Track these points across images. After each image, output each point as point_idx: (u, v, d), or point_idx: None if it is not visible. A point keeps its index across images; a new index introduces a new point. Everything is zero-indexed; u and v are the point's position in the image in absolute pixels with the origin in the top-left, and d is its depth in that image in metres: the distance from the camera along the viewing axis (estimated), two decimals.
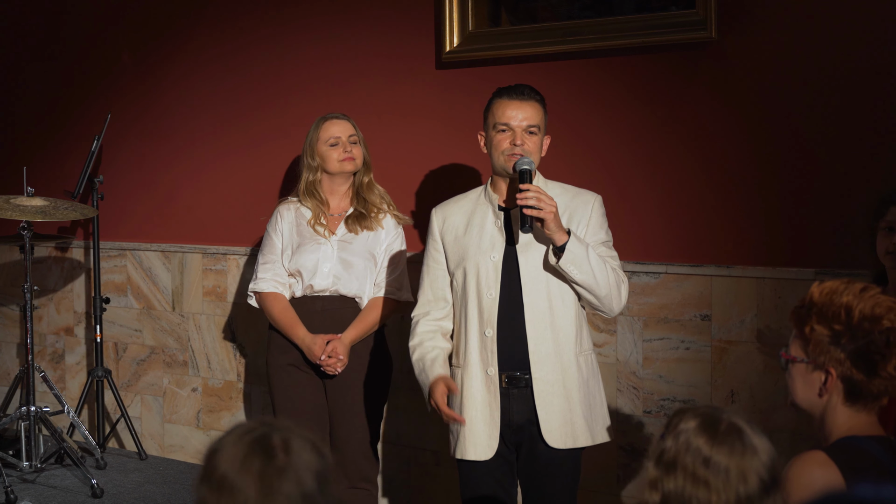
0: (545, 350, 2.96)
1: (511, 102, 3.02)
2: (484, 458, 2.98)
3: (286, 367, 3.70)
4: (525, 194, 2.84)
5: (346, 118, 3.77)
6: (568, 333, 2.98)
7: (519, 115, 3.00)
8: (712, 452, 1.65)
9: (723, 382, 3.58)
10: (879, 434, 1.98)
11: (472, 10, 4.01)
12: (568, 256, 2.86)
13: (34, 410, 4.50)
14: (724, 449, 1.65)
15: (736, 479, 1.63)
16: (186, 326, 4.92)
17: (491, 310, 2.98)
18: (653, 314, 3.71)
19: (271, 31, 4.62)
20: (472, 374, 3.00)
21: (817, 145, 3.43)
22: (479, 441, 2.99)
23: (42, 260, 5.42)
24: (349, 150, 3.69)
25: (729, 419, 1.68)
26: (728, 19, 3.51)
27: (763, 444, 1.66)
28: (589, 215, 3.02)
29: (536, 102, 3.04)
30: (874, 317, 1.93)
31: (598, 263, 2.90)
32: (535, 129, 3.00)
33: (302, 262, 3.68)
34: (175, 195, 4.99)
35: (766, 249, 3.53)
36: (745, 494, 1.63)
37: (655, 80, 3.69)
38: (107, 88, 5.18)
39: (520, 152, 2.97)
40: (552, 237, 2.88)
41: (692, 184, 3.65)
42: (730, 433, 1.66)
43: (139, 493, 4.51)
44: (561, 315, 2.97)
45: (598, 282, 2.90)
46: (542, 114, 3.04)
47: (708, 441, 1.66)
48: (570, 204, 3.03)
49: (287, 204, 3.80)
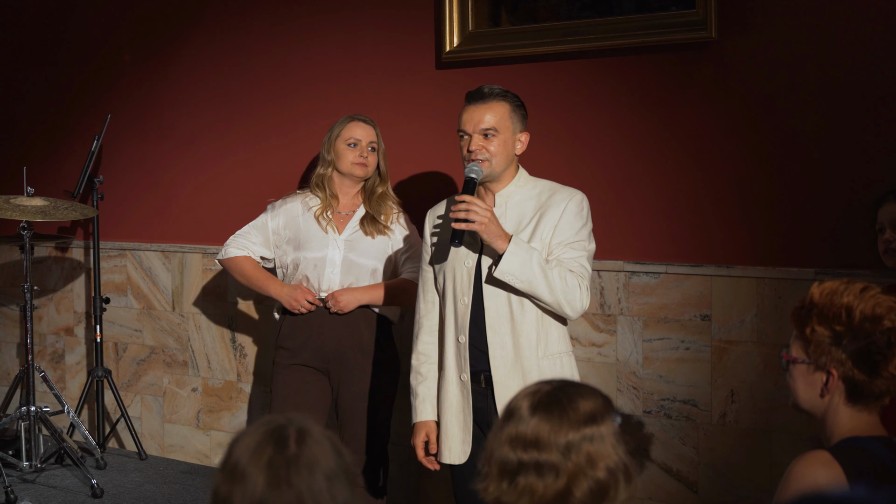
0: (504, 355, 2.97)
1: (467, 108, 3.02)
2: (458, 462, 3.05)
3: (291, 367, 3.71)
4: (457, 206, 2.87)
5: (371, 124, 3.74)
6: (529, 338, 2.97)
7: (473, 120, 2.99)
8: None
9: (723, 382, 3.58)
10: (882, 434, 1.98)
11: (472, 10, 4.01)
12: (503, 267, 2.87)
13: (34, 410, 4.50)
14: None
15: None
16: (186, 326, 4.92)
17: (464, 316, 3.01)
18: (653, 314, 3.71)
19: (271, 31, 4.62)
20: (448, 379, 3.05)
21: (817, 145, 3.43)
22: (453, 445, 3.05)
23: (42, 260, 5.42)
24: (365, 155, 3.68)
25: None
26: (728, 19, 3.51)
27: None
28: (559, 215, 2.98)
29: (497, 102, 3.00)
30: (875, 317, 1.93)
31: (542, 270, 2.88)
32: (491, 131, 2.97)
33: (307, 261, 3.68)
34: (175, 195, 4.99)
35: (766, 249, 3.53)
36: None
37: (655, 80, 3.69)
38: (107, 88, 5.18)
39: (477, 157, 2.97)
40: (492, 246, 2.90)
41: (692, 183, 3.65)
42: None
43: (139, 493, 4.51)
44: (521, 320, 2.97)
45: (540, 289, 2.89)
46: (507, 112, 3.00)
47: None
48: (545, 203, 3.02)
49: (296, 196, 3.82)
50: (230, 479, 1.54)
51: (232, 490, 1.53)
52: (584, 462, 1.60)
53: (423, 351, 3.14)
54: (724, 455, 3.58)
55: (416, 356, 3.16)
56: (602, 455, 1.62)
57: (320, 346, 3.67)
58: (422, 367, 3.13)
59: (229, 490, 1.53)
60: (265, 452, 1.53)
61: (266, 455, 1.53)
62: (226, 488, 1.54)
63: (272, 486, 1.51)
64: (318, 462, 1.54)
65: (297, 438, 1.55)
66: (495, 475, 1.66)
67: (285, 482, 1.52)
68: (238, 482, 1.53)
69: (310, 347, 3.68)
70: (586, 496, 1.60)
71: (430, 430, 3.11)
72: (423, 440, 3.10)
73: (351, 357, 3.67)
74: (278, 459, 1.53)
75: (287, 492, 1.51)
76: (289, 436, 1.55)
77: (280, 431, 1.56)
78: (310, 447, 1.55)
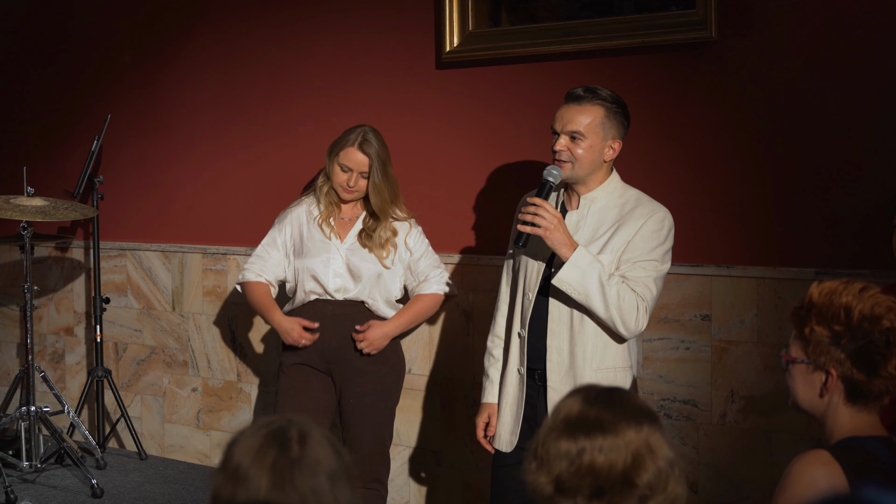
0: (560, 360, 2.99)
1: (563, 106, 3.02)
2: (506, 450, 3.09)
3: (296, 366, 3.73)
4: (527, 209, 2.89)
5: (369, 153, 3.65)
6: (585, 348, 2.96)
7: (563, 120, 2.99)
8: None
9: (723, 382, 3.58)
10: (881, 434, 1.99)
11: (472, 10, 4.01)
12: (561, 275, 2.88)
13: (34, 410, 4.50)
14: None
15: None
16: (186, 326, 4.92)
17: (527, 311, 3.04)
18: (653, 314, 3.70)
19: (271, 32, 4.62)
20: (509, 370, 3.11)
21: (817, 145, 3.43)
22: (504, 433, 3.11)
23: (42, 260, 5.42)
24: (352, 184, 3.67)
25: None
26: (728, 19, 3.51)
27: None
28: (636, 230, 2.96)
29: (592, 105, 2.97)
30: (874, 317, 1.93)
31: (600, 284, 2.87)
32: (577, 134, 2.95)
33: (310, 265, 3.71)
34: (175, 195, 4.99)
35: (766, 249, 3.53)
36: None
37: (655, 81, 3.69)
38: (107, 88, 5.18)
39: (560, 158, 2.97)
40: (556, 252, 2.90)
41: (692, 183, 3.65)
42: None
43: (139, 493, 4.51)
44: (580, 330, 2.96)
45: (595, 303, 2.89)
46: (600, 118, 2.97)
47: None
48: (627, 214, 3.00)
49: (301, 203, 3.84)
50: (232, 481, 1.53)
51: (235, 492, 1.52)
52: (646, 451, 1.62)
53: (497, 333, 3.21)
54: (724, 455, 3.58)
55: (490, 338, 3.23)
56: (660, 446, 1.64)
57: (322, 345, 3.69)
58: (495, 349, 3.20)
59: (232, 492, 1.52)
60: (268, 454, 1.53)
61: (269, 457, 1.53)
62: (228, 490, 1.53)
63: (276, 487, 1.51)
64: (320, 463, 1.54)
65: (299, 440, 1.55)
66: (550, 463, 1.66)
67: (290, 484, 1.51)
68: (240, 484, 1.52)
69: (312, 347, 3.69)
70: (650, 480, 1.62)
71: (493, 412, 3.17)
72: (484, 421, 3.18)
73: (353, 358, 3.68)
74: (282, 461, 1.52)
75: (291, 493, 1.51)
76: (291, 437, 1.55)
77: (282, 433, 1.55)
78: (313, 448, 1.55)
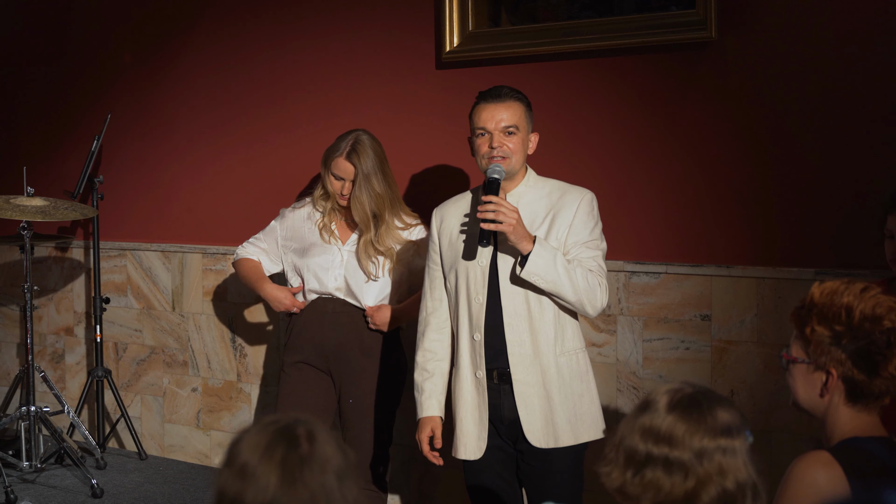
0: (523, 352, 3.01)
1: (487, 106, 3.05)
2: (474, 458, 3.07)
3: (296, 365, 3.74)
4: (485, 207, 2.90)
5: (354, 161, 3.60)
6: (547, 335, 3.01)
7: (495, 118, 3.03)
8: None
9: (723, 382, 3.58)
10: (882, 435, 1.99)
11: (472, 10, 4.01)
12: (529, 267, 2.91)
13: (34, 410, 4.50)
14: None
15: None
16: (186, 326, 4.92)
17: (479, 314, 3.04)
18: (653, 314, 3.71)
19: (271, 31, 4.62)
20: (462, 377, 3.09)
21: (817, 145, 3.43)
22: (469, 441, 3.08)
23: (42, 260, 5.42)
24: (346, 191, 3.66)
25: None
26: (728, 19, 3.51)
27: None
28: (573, 215, 3.04)
29: (514, 101, 3.05)
30: (875, 317, 1.93)
31: (566, 270, 2.93)
32: (513, 128, 3.02)
33: (311, 264, 3.71)
34: (175, 195, 4.99)
35: (766, 249, 3.53)
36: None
37: (655, 81, 3.69)
38: (107, 88, 5.18)
39: (499, 154, 3.00)
40: (517, 246, 2.93)
41: (692, 184, 3.65)
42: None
43: (139, 493, 4.51)
44: (539, 318, 3.01)
45: (564, 289, 2.94)
46: (523, 112, 3.06)
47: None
48: (556, 203, 3.06)
49: (305, 205, 3.85)
50: (239, 478, 1.53)
51: (243, 489, 1.52)
52: (715, 471, 1.60)
53: (429, 348, 3.17)
54: None
55: (421, 353, 3.18)
56: (733, 468, 1.61)
57: (321, 344, 3.69)
58: (428, 363, 3.16)
59: (240, 489, 1.52)
60: (277, 451, 1.53)
61: (278, 454, 1.53)
62: (235, 487, 1.53)
63: (286, 484, 1.51)
64: (329, 461, 1.55)
65: (307, 437, 1.56)
66: (622, 462, 1.66)
67: (300, 481, 1.52)
68: (248, 481, 1.52)
69: (312, 346, 3.71)
70: (714, 503, 1.59)
71: (436, 425, 3.14)
72: (427, 435, 3.14)
73: (352, 357, 3.68)
74: (292, 458, 1.53)
75: (301, 490, 1.51)
76: (300, 435, 1.55)
77: (290, 430, 1.56)
78: (321, 446, 1.56)
